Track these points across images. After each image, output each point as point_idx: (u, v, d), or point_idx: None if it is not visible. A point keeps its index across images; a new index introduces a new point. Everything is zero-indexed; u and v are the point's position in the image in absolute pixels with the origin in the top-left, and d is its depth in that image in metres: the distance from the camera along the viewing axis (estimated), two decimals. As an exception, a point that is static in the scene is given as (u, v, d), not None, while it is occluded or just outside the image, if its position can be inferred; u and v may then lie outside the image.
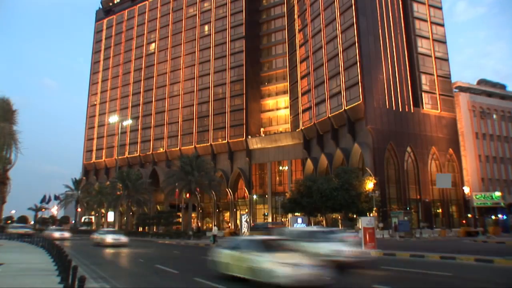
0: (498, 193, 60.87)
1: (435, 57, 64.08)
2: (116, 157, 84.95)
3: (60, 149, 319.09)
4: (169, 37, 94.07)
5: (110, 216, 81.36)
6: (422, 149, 60.02)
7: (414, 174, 58.93)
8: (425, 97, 61.79)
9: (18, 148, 29.09)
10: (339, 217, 59.40)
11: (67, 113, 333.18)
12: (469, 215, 59.74)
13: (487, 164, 68.60)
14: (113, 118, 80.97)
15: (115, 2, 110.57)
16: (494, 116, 71.90)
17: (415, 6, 64.98)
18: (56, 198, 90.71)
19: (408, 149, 59.00)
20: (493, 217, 57.79)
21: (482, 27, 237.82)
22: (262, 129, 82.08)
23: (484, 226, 52.20)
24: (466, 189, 59.89)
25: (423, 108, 61.16)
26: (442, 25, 66.50)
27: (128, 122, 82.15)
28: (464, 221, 59.49)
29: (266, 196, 75.78)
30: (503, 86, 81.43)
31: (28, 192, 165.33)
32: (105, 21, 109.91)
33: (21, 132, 30.30)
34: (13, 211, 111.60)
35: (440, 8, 67.24)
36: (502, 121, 72.55)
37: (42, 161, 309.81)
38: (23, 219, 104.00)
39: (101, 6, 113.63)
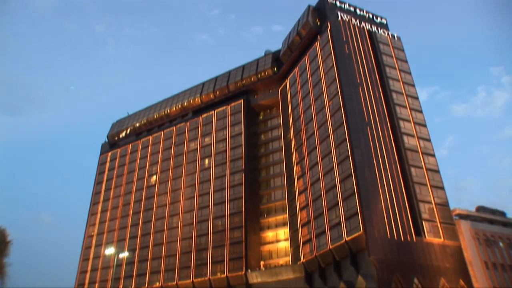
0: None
1: (431, 185, 64.97)
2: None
3: (49, 283, 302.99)
4: (170, 170, 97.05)
5: None
6: (431, 280, 56.89)
7: (425, 309, 54.92)
8: (426, 226, 60.93)
9: (5, 283, 27.84)
10: None
11: (60, 247, 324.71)
12: None
13: (503, 297, 64.52)
14: (110, 250, 78.61)
15: (121, 136, 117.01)
16: (501, 244, 70.04)
17: (406, 138, 68.20)
18: None
19: (416, 280, 55.95)
20: None
21: (451, 166, 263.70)
22: (262, 262, 79.29)
23: None
24: (484, 326, 55.29)
25: (425, 236, 59.81)
26: (433, 155, 68.90)
27: (125, 255, 79.80)
28: None
29: (268, 337, 69.69)
30: (502, 213, 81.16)
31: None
32: (109, 154, 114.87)
33: (10, 265, 29.33)
34: None
35: (429, 140, 70.40)
36: (510, 249, 70.43)
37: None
38: None
39: (107, 140, 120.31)
